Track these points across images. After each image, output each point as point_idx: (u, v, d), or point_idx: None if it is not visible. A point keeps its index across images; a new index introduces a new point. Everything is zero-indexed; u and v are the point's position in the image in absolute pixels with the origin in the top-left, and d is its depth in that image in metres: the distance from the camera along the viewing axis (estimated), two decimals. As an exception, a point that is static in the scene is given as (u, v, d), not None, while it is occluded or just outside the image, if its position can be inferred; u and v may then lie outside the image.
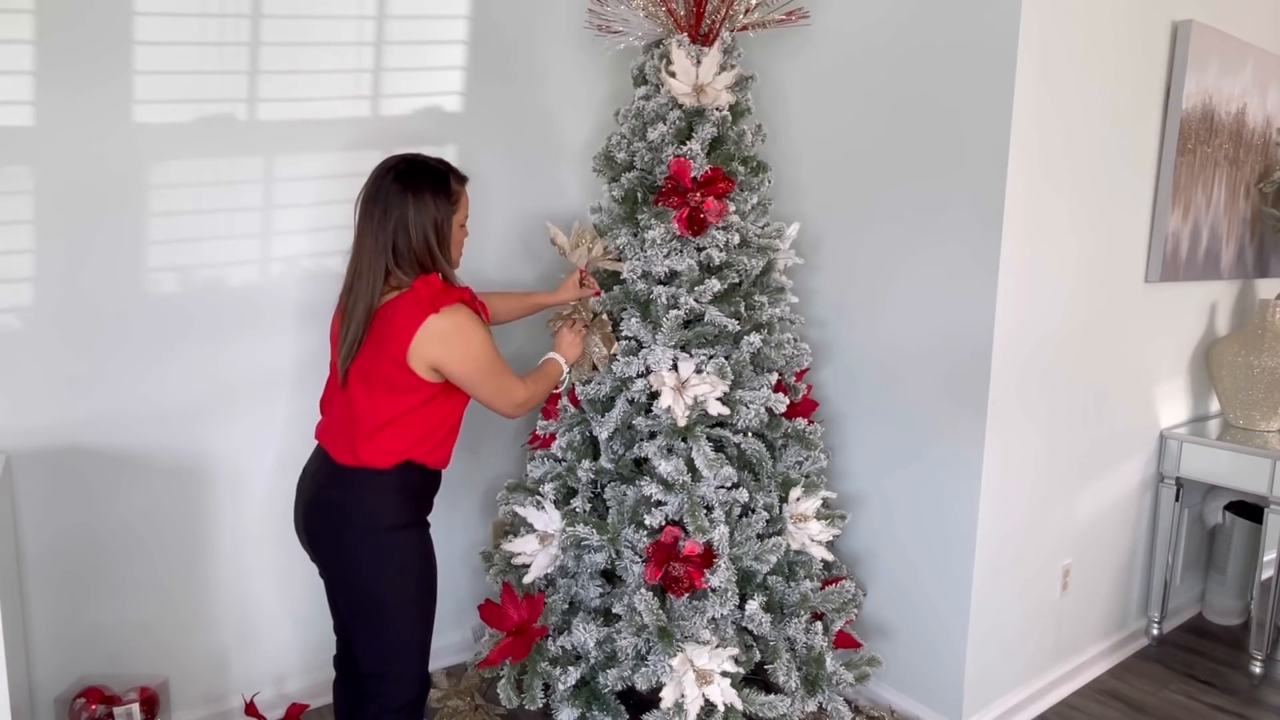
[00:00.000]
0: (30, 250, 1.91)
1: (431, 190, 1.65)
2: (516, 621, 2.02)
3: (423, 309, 1.59)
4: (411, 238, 1.63)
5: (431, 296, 1.60)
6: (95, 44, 1.92)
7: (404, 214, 1.62)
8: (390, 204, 1.62)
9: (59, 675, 2.06)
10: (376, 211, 1.62)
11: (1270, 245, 3.09)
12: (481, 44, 2.47)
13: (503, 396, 1.74)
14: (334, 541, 1.66)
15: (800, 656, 2.10)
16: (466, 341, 1.63)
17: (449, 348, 1.61)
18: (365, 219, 1.64)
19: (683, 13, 2.12)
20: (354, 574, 1.66)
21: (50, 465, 1.98)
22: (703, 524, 1.96)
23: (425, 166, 1.68)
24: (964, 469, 2.21)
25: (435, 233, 1.66)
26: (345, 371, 1.65)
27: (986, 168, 2.10)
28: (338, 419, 1.69)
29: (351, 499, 1.65)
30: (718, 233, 2.06)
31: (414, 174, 1.65)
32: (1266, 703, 2.58)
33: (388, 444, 1.64)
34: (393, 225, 1.62)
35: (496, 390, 1.72)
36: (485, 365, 1.68)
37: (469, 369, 1.65)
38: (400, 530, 1.67)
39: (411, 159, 1.68)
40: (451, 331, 1.61)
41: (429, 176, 1.66)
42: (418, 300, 1.59)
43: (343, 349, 1.64)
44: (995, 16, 2.05)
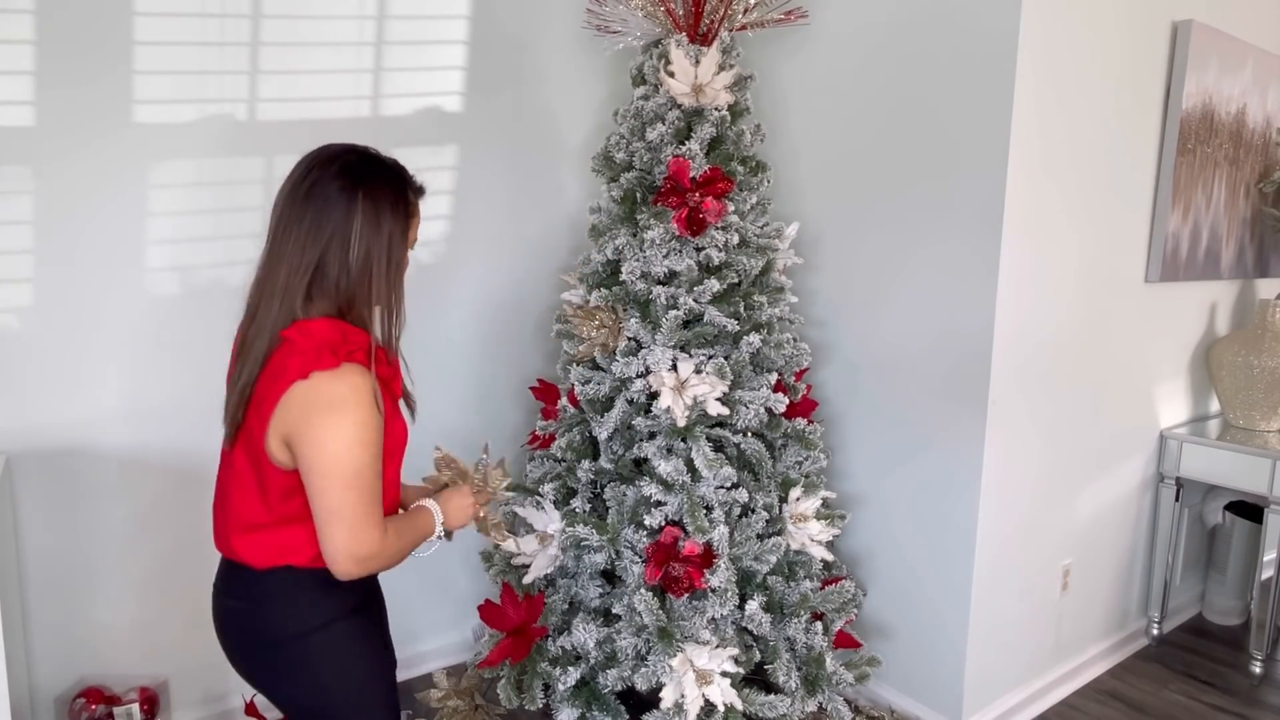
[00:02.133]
0: (30, 250, 1.91)
1: (390, 197, 1.24)
2: (516, 622, 2.02)
3: (304, 361, 1.15)
4: (350, 257, 1.19)
5: (315, 351, 1.15)
6: (95, 44, 1.92)
7: (346, 224, 1.19)
8: (329, 206, 1.19)
9: (59, 675, 2.06)
10: (308, 214, 1.19)
11: (1270, 245, 3.09)
12: (481, 44, 2.47)
13: (348, 530, 1.16)
14: (247, 653, 1.33)
15: (800, 656, 2.09)
16: (347, 421, 1.14)
17: (315, 422, 1.14)
18: (289, 222, 1.21)
19: (681, 13, 2.12)
20: (277, 692, 1.33)
21: (50, 465, 1.98)
22: (702, 524, 1.96)
23: (381, 164, 1.27)
24: (964, 469, 2.21)
25: (386, 256, 1.22)
26: (232, 433, 1.24)
27: (986, 167, 2.10)
28: (218, 494, 1.32)
29: (248, 608, 1.29)
30: (717, 233, 2.05)
31: (367, 172, 1.24)
32: (1266, 703, 2.58)
33: (262, 542, 1.25)
34: (327, 236, 1.19)
35: (346, 515, 1.16)
36: (348, 476, 1.15)
37: (326, 464, 1.14)
38: (312, 633, 1.27)
39: (363, 151, 1.27)
40: (319, 404, 1.14)
41: (386, 179, 1.25)
42: (298, 354, 1.16)
43: (230, 399, 1.24)
44: (995, 16, 2.05)
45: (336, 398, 1.15)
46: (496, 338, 2.63)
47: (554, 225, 2.69)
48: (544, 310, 2.68)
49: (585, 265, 2.25)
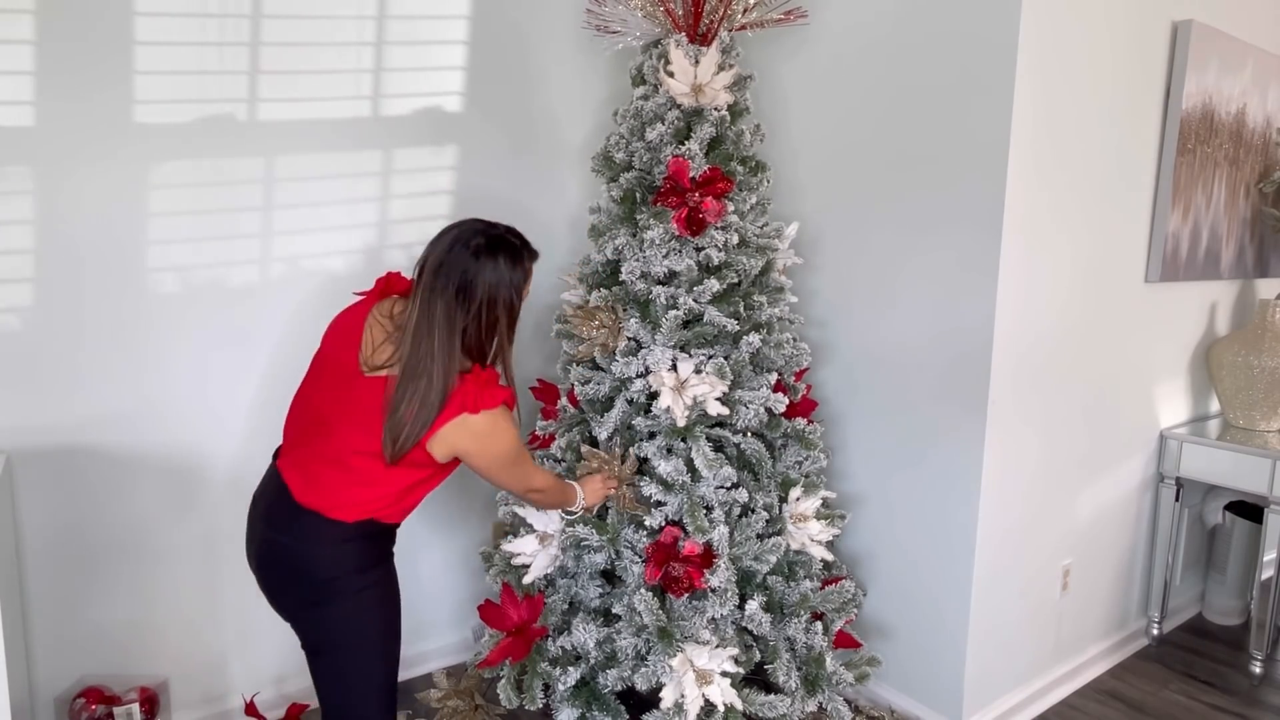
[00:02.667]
0: (30, 250, 1.91)
1: (509, 263, 1.55)
2: (516, 622, 2.02)
3: (463, 405, 1.51)
4: (483, 321, 1.53)
5: (475, 395, 1.51)
6: (96, 44, 1.92)
7: (486, 293, 1.52)
8: (474, 281, 1.50)
9: (59, 675, 2.06)
10: (452, 285, 1.49)
11: (1270, 245, 3.09)
12: (481, 44, 2.48)
13: (520, 482, 1.72)
14: (292, 587, 1.58)
15: (800, 656, 2.09)
16: (499, 441, 1.58)
17: (481, 445, 1.56)
18: (437, 291, 1.49)
19: (681, 13, 2.12)
20: (313, 615, 1.58)
21: (50, 465, 1.98)
22: (702, 524, 1.96)
23: (505, 240, 1.56)
24: (964, 468, 2.21)
25: (508, 315, 1.57)
26: (401, 446, 1.50)
27: (986, 167, 2.10)
28: (317, 462, 1.56)
29: (307, 549, 1.55)
30: (716, 233, 2.05)
31: (497, 247, 1.53)
32: (1266, 703, 2.58)
33: (361, 502, 1.54)
34: (477, 305, 1.51)
35: (515, 477, 1.70)
36: (511, 460, 1.65)
37: (494, 464, 1.62)
38: (362, 573, 1.57)
39: (489, 232, 1.55)
40: (487, 433, 1.55)
41: (509, 250, 1.55)
42: (461, 397, 1.50)
43: (401, 429, 1.48)
44: (995, 16, 2.05)
45: (501, 424, 1.58)
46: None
47: (554, 225, 2.69)
48: (544, 310, 2.68)
49: (585, 265, 2.25)
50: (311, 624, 1.59)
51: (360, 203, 2.32)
